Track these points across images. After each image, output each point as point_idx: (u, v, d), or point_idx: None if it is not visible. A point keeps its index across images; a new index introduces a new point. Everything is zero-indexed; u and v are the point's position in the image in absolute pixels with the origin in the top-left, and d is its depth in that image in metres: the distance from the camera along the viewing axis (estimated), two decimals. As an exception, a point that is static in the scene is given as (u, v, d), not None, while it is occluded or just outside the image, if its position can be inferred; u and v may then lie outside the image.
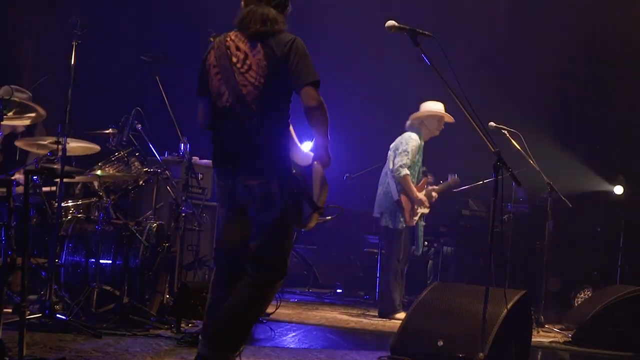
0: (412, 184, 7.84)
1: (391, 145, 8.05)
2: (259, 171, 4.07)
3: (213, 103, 4.20)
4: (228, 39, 4.18)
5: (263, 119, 4.05)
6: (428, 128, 8.02)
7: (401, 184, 7.82)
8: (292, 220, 4.14)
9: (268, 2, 4.19)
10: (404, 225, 7.85)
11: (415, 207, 7.92)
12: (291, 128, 4.22)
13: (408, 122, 8.05)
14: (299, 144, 4.23)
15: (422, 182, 8.13)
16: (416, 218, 7.99)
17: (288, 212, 4.09)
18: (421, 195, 7.99)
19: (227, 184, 4.18)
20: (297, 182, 4.08)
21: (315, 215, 4.15)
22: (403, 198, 7.82)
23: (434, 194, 8.22)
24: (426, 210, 8.10)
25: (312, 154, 4.17)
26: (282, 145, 4.11)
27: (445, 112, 8.00)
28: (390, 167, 7.94)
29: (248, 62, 4.07)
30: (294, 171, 4.09)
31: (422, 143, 7.99)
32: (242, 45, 4.12)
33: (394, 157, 7.90)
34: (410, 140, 7.89)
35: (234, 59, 4.11)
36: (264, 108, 4.05)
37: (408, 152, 7.81)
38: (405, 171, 7.77)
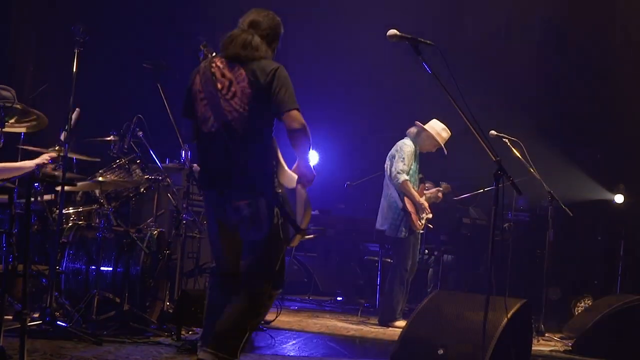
0: (412, 189, 7.86)
1: (388, 155, 8.07)
2: (246, 192, 4.20)
3: (198, 127, 4.32)
4: (213, 65, 4.30)
5: (247, 143, 4.18)
6: (423, 143, 8.04)
7: (401, 190, 7.83)
8: (281, 238, 4.25)
9: (256, 30, 4.30)
10: (406, 234, 7.85)
11: (420, 213, 7.94)
12: (278, 151, 4.31)
13: (410, 129, 8.07)
14: (285, 166, 4.31)
15: (420, 187, 8.14)
16: (423, 222, 8.00)
17: (277, 231, 4.21)
18: (422, 199, 8.00)
19: (218, 204, 4.30)
20: (283, 203, 4.19)
21: (298, 236, 4.29)
22: (407, 202, 7.84)
23: (439, 194, 8.23)
24: (430, 215, 8.12)
25: (295, 176, 4.28)
26: (266, 167, 4.21)
27: (447, 139, 8.00)
28: (388, 174, 7.96)
29: (233, 89, 4.20)
30: (280, 192, 4.21)
31: (417, 150, 8.01)
32: (227, 73, 4.24)
33: (391, 165, 7.93)
34: (404, 146, 7.93)
35: (219, 85, 4.23)
36: (248, 132, 4.18)
37: (404, 157, 7.84)
38: (404, 176, 7.79)
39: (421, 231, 8.06)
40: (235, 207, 4.21)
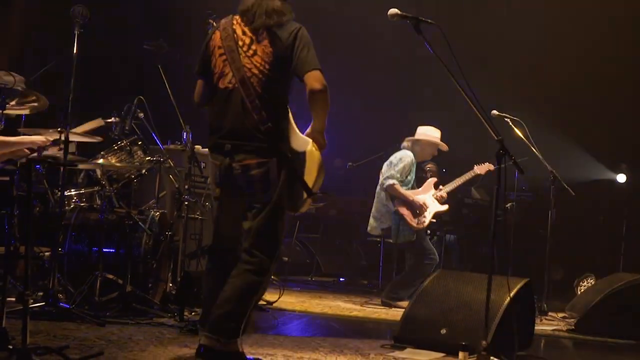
0: (401, 190, 7.87)
1: (385, 162, 8.07)
2: (258, 151, 4.11)
3: (214, 83, 4.24)
4: (234, 22, 4.23)
5: (265, 102, 4.11)
6: (423, 152, 8.11)
7: (391, 192, 7.86)
8: (286, 204, 4.19)
9: None
10: (413, 236, 7.91)
11: (418, 210, 7.92)
12: (290, 115, 4.25)
13: (404, 144, 8.11)
14: (297, 130, 4.25)
15: (428, 182, 8.17)
16: (426, 219, 7.99)
17: (283, 195, 4.14)
18: (420, 197, 8.00)
19: (223, 164, 4.18)
20: (294, 167, 4.13)
21: (309, 200, 4.24)
22: (400, 207, 7.86)
23: (443, 194, 8.22)
24: (442, 208, 8.18)
25: (309, 139, 4.21)
26: (281, 129, 4.16)
27: (442, 139, 8.11)
28: (381, 180, 8.00)
29: (254, 47, 4.14)
30: (290, 156, 4.14)
31: (415, 161, 8.05)
32: (248, 31, 4.18)
33: (386, 171, 7.95)
34: (405, 157, 7.99)
35: (240, 42, 4.17)
36: (266, 92, 4.12)
37: (402, 167, 7.92)
38: (391, 181, 7.83)
39: (424, 227, 8.06)
40: (245, 165, 4.11)
